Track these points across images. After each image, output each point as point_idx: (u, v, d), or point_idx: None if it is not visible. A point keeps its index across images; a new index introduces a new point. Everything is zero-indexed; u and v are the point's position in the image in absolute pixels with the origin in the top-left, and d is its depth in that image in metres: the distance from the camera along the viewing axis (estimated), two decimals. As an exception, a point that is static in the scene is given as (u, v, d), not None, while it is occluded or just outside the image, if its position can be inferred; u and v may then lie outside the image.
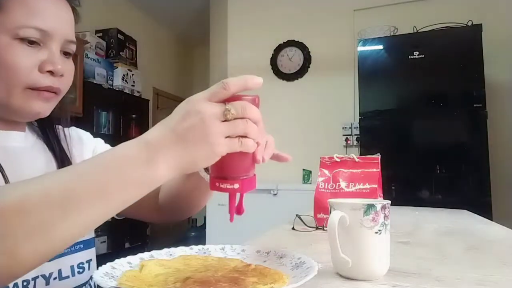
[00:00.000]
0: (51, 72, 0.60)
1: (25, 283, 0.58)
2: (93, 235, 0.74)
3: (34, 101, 0.60)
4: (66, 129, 0.74)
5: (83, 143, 0.77)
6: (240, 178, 0.47)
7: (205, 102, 0.43)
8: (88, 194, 0.40)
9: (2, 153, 0.61)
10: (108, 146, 0.81)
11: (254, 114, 0.44)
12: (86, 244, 0.70)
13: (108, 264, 0.51)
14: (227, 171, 0.47)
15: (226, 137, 0.43)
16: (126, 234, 3.66)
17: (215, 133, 0.42)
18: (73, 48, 0.65)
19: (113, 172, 0.41)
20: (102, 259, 0.58)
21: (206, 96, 0.44)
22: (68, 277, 0.65)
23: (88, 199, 0.40)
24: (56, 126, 0.72)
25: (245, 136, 0.44)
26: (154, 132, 0.43)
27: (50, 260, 0.61)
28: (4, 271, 0.37)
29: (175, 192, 0.70)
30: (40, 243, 0.38)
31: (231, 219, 0.51)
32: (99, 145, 0.80)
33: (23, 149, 0.66)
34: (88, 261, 0.70)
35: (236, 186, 0.47)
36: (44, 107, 0.62)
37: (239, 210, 0.53)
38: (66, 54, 0.64)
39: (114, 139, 3.50)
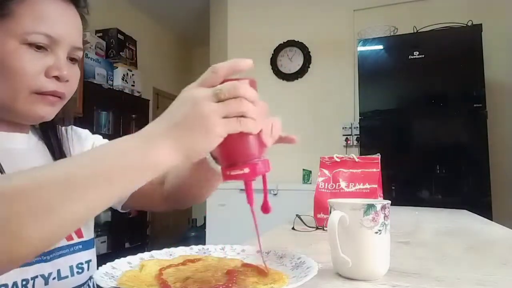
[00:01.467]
0: (57, 78, 0.61)
1: (24, 282, 0.58)
2: (92, 235, 0.74)
3: (39, 105, 0.61)
4: (68, 128, 0.74)
5: (82, 142, 0.78)
6: (249, 162, 0.45)
7: (196, 88, 0.44)
8: (91, 179, 0.40)
9: (5, 155, 0.62)
10: (106, 141, 0.82)
11: (248, 93, 0.43)
12: (85, 245, 0.70)
13: (108, 264, 0.51)
14: (234, 156, 0.46)
15: (224, 118, 0.42)
16: (126, 234, 3.66)
17: (210, 113, 0.41)
18: (79, 54, 0.66)
19: (114, 159, 0.42)
20: (102, 259, 0.58)
21: (197, 83, 0.44)
22: (67, 277, 0.65)
23: (91, 183, 0.40)
24: (58, 127, 0.72)
25: (244, 116, 0.43)
26: (151, 124, 0.44)
27: (48, 260, 0.62)
28: (9, 253, 0.38)
29: (182, 181, 0.70)
30: (45, 224, 0.38)
31: (252, 211, 0.50)
32: (98, 141, 0.81)
33: (26, 151, 0.66)
34: (88, 262, 0.70)
35: (246, 170, 0.45)
36: (48, 111, 0.62)
37: (266, 208, 0.52)
38: (72, 60, 0.65)
39: (114, 139, 3.49)
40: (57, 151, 0.70)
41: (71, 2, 0.64)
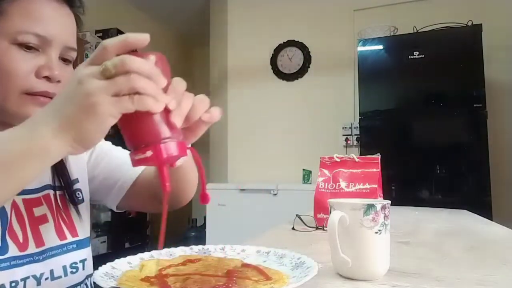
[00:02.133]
0: (47, 78, 0.60)
1: (13, 284, 0.57)
2: (88, 234, 0.73)
3: (30, 106, 0.59)
4: None
5: None
6: (153, 144, 0.41)
7: (83, 67, 0.40)
8: None
9: None
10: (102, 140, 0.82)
11: (139, 66, 0.38)
12: (79, 244, 0.69)
13: (108, 264, 0.51)
14: (136, 139, 0.42)
15: (114, 95, 0.38)
16: (126, 234, 3.66)
17: (94, 91, 0.38)
18: (73, 55, 0.65)
19: (1, 148, 0.41)
20: (102, 259, 0.58)
21: (86, 63, 0.41)
22: (60, 277, 0.64)
23: None
24: None
25: (139, 93, 0.38)
26: (39, 110, 0.42)
27: (40, 260, 0.61)
28: None
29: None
30: None
31: (164, 200, 0.46)
32: None
33: None
34: (83, 261, 0.69)
35: (149, 153, 0.40)
36: None
37: (204, 197, 0.49)
38: (65, 60, 0.64)
39: (114, 139, 3.50)
40: None
41: (65, 2, 0.63)
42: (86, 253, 0.71)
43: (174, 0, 4.34)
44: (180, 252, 0.61)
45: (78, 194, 0.73)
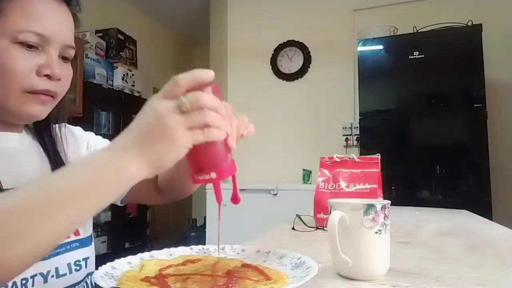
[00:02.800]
0: (48, 76, 0.60)
1: (23, 281, 0.58)
2: (90, 233, 0.74)
3: (31, 104, 0.60)
4: (62, 126, 0.74)
5: (77, 142, 0.78)
6: (216, 167, 0.48)
7: (160, 99, 0.44)
8: (64, 199, 0.42)
9: None
10: (99, 138, 0.83)
11: (210, 103, 0.44)
12: (82, 243, 0.70)
13: (108, 264, 0.51)
14: (201, 163, 0.47)
15: (189, 129, 0.43)
16: (126, 234, 3.66)
17: (174, 125, 0.42)
18: (71, 53, 0.65)
19: (86, 178, 0.43)
20: (102, 259, 0.58)
21: (160, 95, 0.45)
22: (65, 274, 0.65)
23: (65, 204, 0.42)
24: (52, 126, 0.72)
25: (208, 126, 0.44)
26: (120, 137, 0.45)
27: (46, 258, 0.62)
28: None
29: (169, 178, 0.74)
30: (23, 248, 0.40)
31: (219, 208, 0.53)
32: (92, 139, 0.81)
33: (19, 150, 0.66)
34: (85, 259, 0.70)
35: (213, 175, 0.47)
36: (40, 110, 0.62)
37: (235, 199, 0.54)
38: (64, 58, 0.65)
39: (114, 139, 3.49)
40: (51, 150, 0.70)
41: (63, 1, 0.64)
42: (89, 251, 0.72)
43: (174, 0, 4.34)
44: (180, 252, 0.61)
45: None
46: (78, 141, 0.78)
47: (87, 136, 0.81)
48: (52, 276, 0.63)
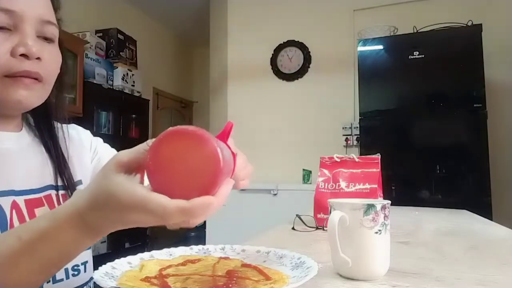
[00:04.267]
0: (25, 56, 0.56)
1: None
2: None
3: (13, 89, 0.56)
4: (65, 127, 0.71)
5: (83, 146, 0.76)
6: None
7: (164, 206, 0.40)
8: (29, 266, 0.43)
9: None
10: (107, 146, 0.81)
11: (218, 205, 0.41)
12: None
13: (108, 264, 0.51)
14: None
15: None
16: (126, 234, 3.65)
17: (173, 223, 0.42)
18: (53, 31, 0.61)
19: (54, 251, 0.44)
20: (102, 259, 0.58)
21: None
22: (62, 280, 0.63)
23: (30, 269, 0.44)
24: (55, 124, 0.70)
25: None
26: (101, 220, 0.43)
27: None
28: None
29: None
30: None
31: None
32: (99, 147, 0.79)
33: (15, 150, 0.63)
34: (84, 263, 0.68)
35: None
36: (25, 95, 0.58)
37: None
38: (47, 39, 0.61)
39: (114, 139, 3.50)
40: (53, 149, 0.68)
41: None
42: (87, 255, 0.70)
43: (174, 0, 4.34)
44: (180, 252, 0.61)
45: None
46: (84, 147, 0.76)
47: (95, 142, 0.79)
48: (48, 282, 0.60)
